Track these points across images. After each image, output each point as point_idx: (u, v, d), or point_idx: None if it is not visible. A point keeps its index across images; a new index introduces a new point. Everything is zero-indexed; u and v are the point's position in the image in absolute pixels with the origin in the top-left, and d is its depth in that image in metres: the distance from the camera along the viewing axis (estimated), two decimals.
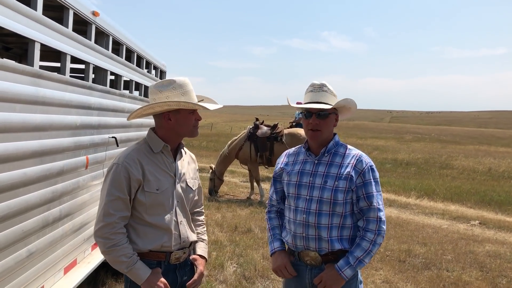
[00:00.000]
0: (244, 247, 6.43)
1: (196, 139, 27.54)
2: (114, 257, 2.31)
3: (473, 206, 10.90)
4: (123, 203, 2.33)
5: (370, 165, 2.54)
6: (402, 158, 21.73)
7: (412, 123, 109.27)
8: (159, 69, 6.76)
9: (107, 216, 2.30)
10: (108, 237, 2.29)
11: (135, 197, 2.37)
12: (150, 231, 2.40)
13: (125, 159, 2.36)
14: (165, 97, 2.38)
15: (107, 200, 2.32)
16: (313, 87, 2.58)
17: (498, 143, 41.60)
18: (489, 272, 5.92)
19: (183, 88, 2.42)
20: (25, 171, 2.77)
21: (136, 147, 2.46)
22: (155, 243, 2.40)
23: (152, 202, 2.39)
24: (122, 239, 2.32)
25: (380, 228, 2.48)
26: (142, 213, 2.38)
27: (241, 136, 10.67)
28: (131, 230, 2.39)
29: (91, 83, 3.93)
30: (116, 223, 2.31)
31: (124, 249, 2.31)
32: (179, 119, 2.43)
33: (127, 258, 2.31)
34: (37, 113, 2.89)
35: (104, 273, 4.90)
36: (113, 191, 2.32)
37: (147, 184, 2.37)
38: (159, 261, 2.44)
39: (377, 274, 5.65)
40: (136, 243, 2.38)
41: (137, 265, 2.33)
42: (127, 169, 2.33)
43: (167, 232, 2.43)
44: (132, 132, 5.12)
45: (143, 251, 2.39)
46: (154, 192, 2.39)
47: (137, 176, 2.35)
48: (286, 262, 2.62)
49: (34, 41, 2.87)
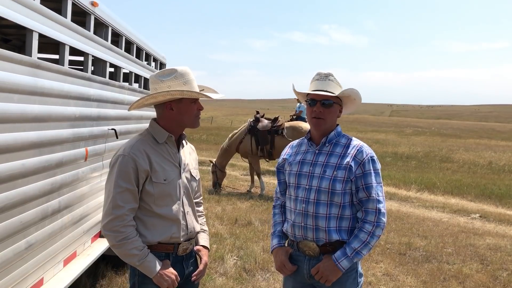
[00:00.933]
0: (244, 240, 6.43)
1: (196, 132, 27.52)
2: (125, 250, 2.28)
3: (473, 199, 10.89)
4: (131, 194, 2.30)
5: (370, 155, 2.52)
6: (403, 151, 21.72)
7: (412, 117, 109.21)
8: (158, 61, 6.72)
9: (116, 209, 2.26)
10: (119, 230, 2.26)
11: (143, 188, 2.34)
12: (159, 222, 2.38)
13: (131, 150, 2.34)
14: (167, 87, 2.35)
15: (115, 192, 2.28)
16: (319, 75, 2.56)
17: (499, 137, 41.58)
18: (489, 265, 5.92)
19: (184, 77, 2.38)
20: (23, 162, 2.74)
21: (140, 138, 2.44)
22: (164, 235, 2.39)
23: (160, 193, 2.37)
24: (132, 232, 2.29)
25: (379, 220, 2.45)
26: (151, 204, 2.36)
27: (242, 129, 10.64)
28: (139, 222, 2.36)
29: (90, 74, 3.90)
30: (125, 215, 2.28)
31: (135, 242, 2.29)
32: (181, 109, 2.40)
33: (138, 251, 2.28)
34: (35, 104, 2.86)
35: (104, 265, 4.90)
36: (120, 183, 2.28)
37: (155, 175, 2.35)
38: (168, 253, 2.42)
39: (378, 267, 5.64)
40: (144, 236, 2.35)
41: (148, 258, 2.31)
42: (134, 160, 2.30)
43: (176, 223, 2.42)
44: (132, 124, 5.09)
45: (152, 243, 2.37)
46: (162, 182, 2.37)
47: (145, 167, 2.32)
48: (284, 260, 2.61)
49: (32, 31, 2.83)
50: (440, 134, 42.20)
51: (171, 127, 2.45)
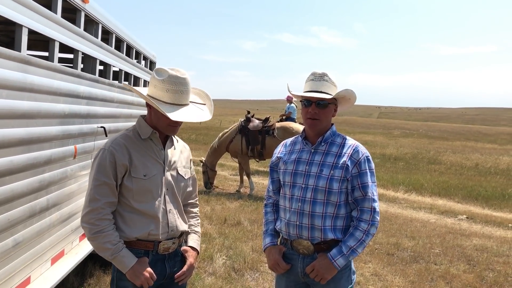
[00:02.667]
0: (233, 240, 6.41)
1: (185, 132, 27.43)
2: (99, 243, 2.27)
3: (460, 201, 11.00)
4: (109, 188, 2.29)
5: (366, 155, 2.54)
6: (391, 153, 21.87)
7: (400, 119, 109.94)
8: (149, 59, 6.68)
9: (93, 202, 2.26)
10: (94, 223, 2.25)
11: (122, 183, 2.32)
12: (137, 218, 2.35)
13: (111, 145, 2.33)
14: (153, 85, 2.33)
15: (93, 185, 2.28)
16: (314, 75, 2.55)
17: (485, 139, 42.04)
18: (476, 265, 5.98)
19: (172, 85, 2.28)
20: (11, 159, 2.70)
21: (125, 133, 2.43)
22: (142, 231, 2.35)
23: (139, 188, 2.34)
24: (108, 226, 2.28)
25: (374, 219, 2.48)
26: (129, 199, 2.34)
27: (232, 128, 10.61)
28: (118, 217, 2.35)
29: (80, 71, 3.86)
30: (101, 209, 2.27)
31: (109, 235, 2.27)
32: (155, 114, 2.37)
33: (112, 245, 2.26)
34: (24, 100, 2.82)
35: (92, 264, 4.86)
36: (99, 176, 2.28)
37: (134, 170, 2.33)
38: (147, 250, 2.39)
39: (366, 267, 5.67)
40: (123, 231, 2.33)
41: (122, 253, 2.28)
42: (112, 154, 2.29)
43: (154, 219, 2.38)
44: (122, 122, 5.06)
45: (130, 239, 2.34)
46: (141, 178, 2.34)
47: (123, 161, 2.30)
48: (277, 258, 2.61)
49: (22, 26, 2.79)
50: (428, 136, 42.54)
51: (155, 125, 2.42)
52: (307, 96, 2.52)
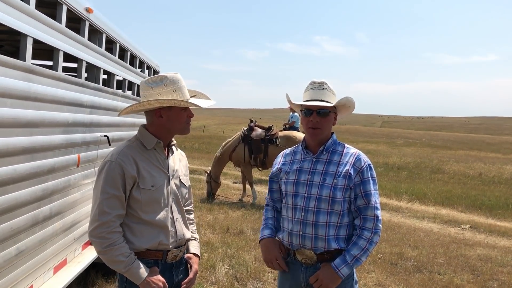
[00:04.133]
0: (236, 249, 6.39)
1: (188, 141, 27.44)
2: (111, 256, 2.25)
3: (464, 210, 10.95)
4: (118, 201, 2.28)
5: (368, 163, 2.54)
6: (394, 162, 21.80)
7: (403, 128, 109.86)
8: (152, 68, 6.72)
9: (102, 215, 2.24)
10: (104, 236, 2.23)
11: (130, 195, 2.32)
12: (146, 229, 2.35)
13: (118, 156, 2.31)
14: (156, 94, 2.34)
15: (102, 198, 2.26)
16: (313, 85, 2.56)
17: (488, 148, 41.92)
18: (480, 275, 5.93)
19: (175, 84, 2.36)
20: (15, 168, 2.72)
21: (128, 144, 2.41)
22: (152, 242, 2.36)
23: (148, 199, 2.34)
24: (118, 238, 2.27)
25: (376, 227, 2.48)
26: (138, 210, 2.33)
27: (235, 137, 10.62)
28: (126, 229, 2.34)
29: (83, 80, 3.89)
30: (112, 222, 2.25)
31: (121, 248, 2.26)
32: (171, 116, 2.38)
33: (124, 258, 2.26)
34: (28, 109, 2.85)
35: (94, 273, 4.85)
36: (107, 189, 2.26)
37: (142, 181, 2.33)
38: (156, 260, 2.39)
39: (369, 276, 5.64)
40: (132, 242, 2.32)
41: (135, 264, 2.28)
42: (121, 166, 2.28)
43: (164, 229, 2.39)
44: (125, 131, 5.08)
45: (139, 250, 2.34)
46: (150, 189, 2.35)
47: (132, 173, 2.30)
48: (277, 255, 2.60)
49: (26, 36, 2.82)
50: (431, 145, 42.45)
51: (160, 134, 2.43)
52: (308, 105, 2.53)
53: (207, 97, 2.59)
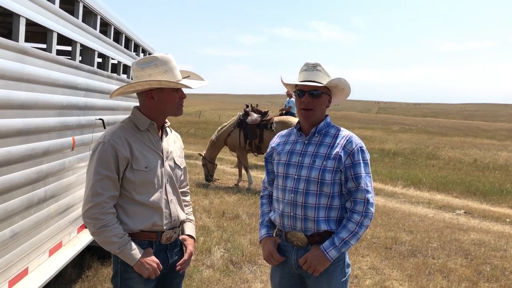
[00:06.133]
0: (231, 233, 6.42)
1: (184, 126, 27.40)
2: (104, 238, 2.26)
3: (458, 195, 11.02)
4: (111, 182, 2.28)
5: (360, 146, 2.53)
6: (389, 148, 21.86)
7: (399, 114, 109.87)
8: (147, 52, 6.65)
9: (96, 196, 2.24)
10: (98, 217, 2.24)
11: (124, 176, 2.31)
12: (140, 210, 2.35)
13: (111, 137, 2.30)
14: (147, 75, 2.31)
15: (95, 179, 2.25)
16: (307, 66, 2.55)
17: (484, 135, 42.07)
18: (473, 259, 5.99)
19: (166, 65, 2.34)
20: (9, 150, 2.70)
21: (121, 125, 2.40)
22: (146, 223, 2.36)
23: (142, 180, 2.34)
24: (112, 219, 2.27)
25: (367, 210, 2.46)
26: (131, 191, 2.33)
27: (231, 122, 10.61)
28: (120, 210, 2.34)
29: (78, 63, 3.85)
30: (105, 203, 2.25)
31: (115, 229, 2.26)
32: (162, 98, 2.36)
33: (118, 239, 2.26)
34: (22, 91, 2.81)
35: (90, 256, 4.87)
36: (100, 170, 2.26)
37: (136, 162, 2.32)
38: (150, 241, 2.40)
39: (364, 260, 5.68)
40: (126, 223, 2.32)
41: (129, 245, 2.28)
42: (114, 147, 2.27)
43: (158, 210, 2.39)
44: (120, 115, 5.04)
45: (133, 231, 2.34)
46: (143, 170, 2.34)
47: (125, 154, 2.29)
48: (272, 250, 2.61)
49: (19, 16, 2.78)
50: (427, 131, 42.55)
51: (153, 115, 2.41)
52: (300, 85, 2.51)
53: (200, 78, 2.56)
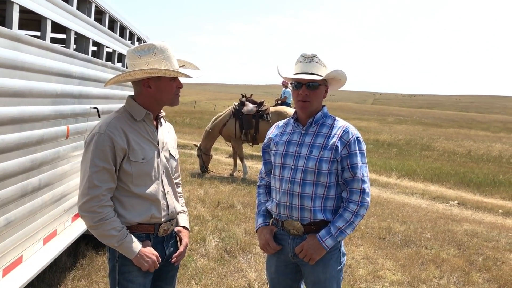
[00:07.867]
0: (226, 222, 6.44)
1: (179, 116, 27.33)
2: (102, 231, 2.21)
3: (452, 187, 11.09)
4: (108, 174, 2.22)
5: (356, 136, 2.54)
6: (384, 139, 21.94)
7: (394, 105, 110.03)
8: (142, 40, 6.61)
9: (93, 189, 2.18)
10: (95, 210, 2.18)
11: (121, 168, 2.25)
12: (138, 202, 2.31)
13: (107, 128, 2.23)
14: (144, 63, 2.25)
15: (91, 171, 2.18)
16: (303, 57, 2.54)
17: (478, 127, 42.26)
18: (466, 250, 6.05)
19: (164, 53, 2.28)
20: (3, 138, 2.68)
21: (117, 115, 2.33)
22: (144, 215, 2.32)
23: (139, 172, 2.29)
24: (110, 212, 2.22)
25: (363, 200, 2.48)
26: (128, 184, 2.28)
27: (226, 112, 10.58)
28: (117, 202, 2.28)
29: (72, 51, 3.82)
30: (102, 196, 2.19)
31: (113, 222, 2.21)
32: (160, 87, 2.31)
33: (117, 232, 2.21)
34: (16, 79, 2.79)
35: (84, 245, 4.87)
36: (97, 162, 2.19)
37: (132, 153, 2.27)
38: (148, 233, 2.36)
39: (358, 250, 5.72)
40: (123, 216, 2.27)
41: (127, 239, 2.24)
42: (111, 138, 2.21)
43: (155, 203, 2.35)
44: (115, 104, 5.02)
45: (131, 224, 2.30)
46: (140, 161, 2.29)
47: (122, 145, 2.23)
48: (268, 239, 2.62)
49: (13, 3, 2.75)
50: (422, 123, 42.67)
51: (149, 105, 2.35)
52: (297, 78, 2.51)
53: (196, 67, 2.51)
